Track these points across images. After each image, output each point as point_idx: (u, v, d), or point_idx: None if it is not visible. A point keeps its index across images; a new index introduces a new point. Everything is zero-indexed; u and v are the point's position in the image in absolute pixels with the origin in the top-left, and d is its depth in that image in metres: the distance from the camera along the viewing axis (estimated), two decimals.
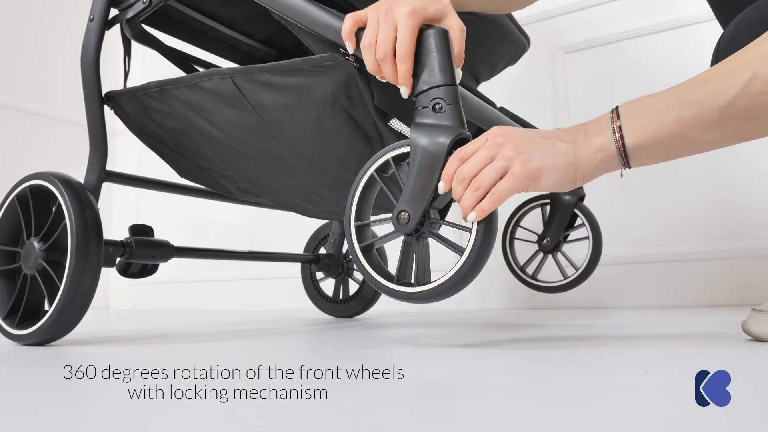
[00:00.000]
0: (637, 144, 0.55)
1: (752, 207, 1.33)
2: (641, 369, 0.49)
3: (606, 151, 0.56)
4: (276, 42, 1.16)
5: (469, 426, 0.31)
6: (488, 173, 0.57)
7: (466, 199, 0.58)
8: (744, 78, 0.50)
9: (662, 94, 0.55)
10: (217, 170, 0.97)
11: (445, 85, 0.61)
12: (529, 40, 1.07)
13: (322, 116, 0.74)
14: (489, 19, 0.96)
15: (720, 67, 0.53)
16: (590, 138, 0.57)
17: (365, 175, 0.66)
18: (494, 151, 0.57)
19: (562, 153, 0.57)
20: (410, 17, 0.60)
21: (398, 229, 0.62)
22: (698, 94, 0.52)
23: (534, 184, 0.57)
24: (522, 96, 1.58)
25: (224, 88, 0.77)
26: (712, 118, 0.51)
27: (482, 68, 1.08)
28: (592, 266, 1.08)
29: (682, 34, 1.44)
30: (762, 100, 0.50)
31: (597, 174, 0.58)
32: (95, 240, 0.75)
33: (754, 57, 0.50)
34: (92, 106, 0.88)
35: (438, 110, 0.61)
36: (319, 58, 0.68)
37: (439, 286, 0.60)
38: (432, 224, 0.63)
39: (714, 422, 0.30)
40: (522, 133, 0.58)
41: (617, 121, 0.56)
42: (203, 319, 1.43)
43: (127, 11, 0.89)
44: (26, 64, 2.16)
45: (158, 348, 0.74)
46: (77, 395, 0.44)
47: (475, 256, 0.59)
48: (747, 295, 1.29)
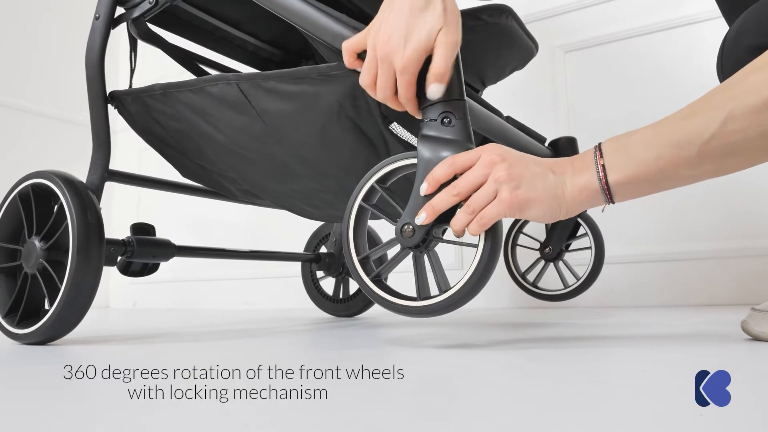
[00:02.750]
0: (619, 181, 0.56)
1: (752, 207, 1.33)
2: (641, 368, 0.49)
3: (591, 189, 0.57)
4: (282, 42, 1.16)
5: (469, 425, 0.31)
6: (481, 196, 0.57)
7: (459, 221, 0.58)
8: (720, 117, 0.51)
9: (643, 131, 0.56)
10: (219, 172, 0.97)
11: (455, 100, 0.61)
12: (537, 45, 1.06)
13: (327, 124, 0.73)
14: (497, 25, 0.95)
15: (697, 105, 0.54)
16: (576, 175, 0.58)
17: (366, 185, 0.66)
18: (488, 170, 0.57)
19: (551, 186, 0.58)
20: (406, 70, 0.59)
21: (402, 242, 0.62)
22: (677, 133, 0.54)
23: (520, 212, 0.58)
24: (522, 95, 1.58)
25: (229, 93, 0.77)
26: (691, 155, 0.53)
27: (489, 73, 1.07)
28: (593, 277, 1.08)
29: (682, 33, 1.44)
30: (737, 138, 0.51)
31: (580, 209, 0.59)
32: (97, 240, 0.75)
33: (729, 96, 0.52)
34: (96, 105, 0.88)
35: (446, 124, 0.61)
36: (326, 68, 0.68)
37: (446, 300, 0.60)
38: (437, 234, 0.62)
39: (714, 422, 0.30)
40: (516, 156, 0.59)
41: (600, 160, 0.57)
42: (203, 318, 1.43)
43: (133, 10, 0.88)
44: (26, 63, 2.16)
45: (158, 347, 0.74)
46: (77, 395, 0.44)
47: (482, 270, 0.59)
48: (747, 295, 1.29)
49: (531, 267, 1.16)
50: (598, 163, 0.57)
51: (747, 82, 0.51)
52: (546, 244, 1.12)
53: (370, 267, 0.66)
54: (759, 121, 0.50)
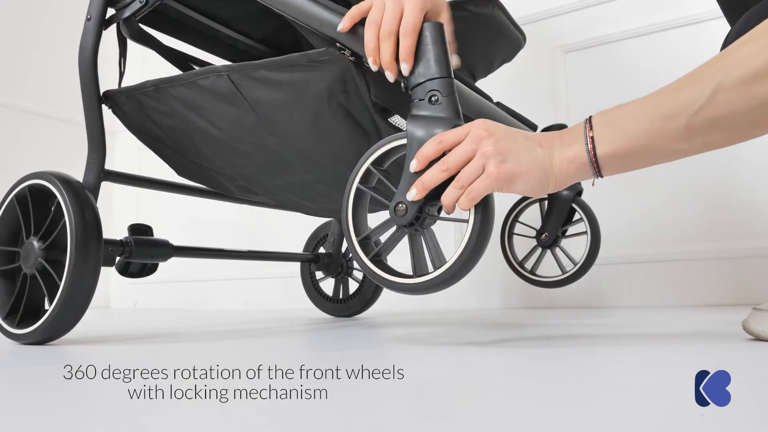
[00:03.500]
0: (607, 154, 0.56)
1: (752, 206, 1.33)
2: (641, 368, 0.49)
3: (579, 161, 0.57)
4: (273, 40, 1.16)
5: (468, 425, 0.31)
6: (469, 171, 0.58)
7: (449, 196, 0.59)
8: (708, 89, 0.51)
9: (633, 104, 0.57)
10: (215, 169, 0.97)
11: (441, 77, 0.62)
12: (524, 35, 1.06)
13: (318, 112, 0.74)
14: (483, 15, 0.95)
15: (686, 78, 0.54)
16: (565, 147, 0.58)
17: (362, 168, 0.66)
18: (476, 144, 0.58)
19: (538, 158, 0.58)
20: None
21: (396, 221, 0.63)
22: (665, 106, 0.54)
23: (508, 186, 0.58)
24: (522, 96, 1.58)
25: (221, 85, 0.77)
26: (679, 128, 0.53)
27: (478, 66, 1.07)
28: (591, 261, 1.08)
29: (682, 33, 1.44)
30: (726, 111, 0.51)
31: (569, 182, 0.59)
32: (95, 238, 0.75)
33: (718, 68, 0.52)
34: (90, 105, 0.88)
35: (434, 102, 0.62)
36: (315, 53, 0.68)
37: (439, 276, 0.60)
38: (430, 212, 0.63)
39: (714, 422, 0.30)
40: (504, 131, 0.59)
41: (590, 132, 0.57)
42: (203, 318, 1.43)
43: (123, 11, 0.89)
44: (26, 63, 2.16)
45: (158, 347, 0.74)
46: (77, 395, 0.44)
47: (473, 245, 0.59)
48: (747, 295, 1.29)
49: (528, 255, 1.16)
50: (587, 136, 0.57)
51: (736, 54, 0.51)
52: (542, 230, 1.12)
53: (370, 247, 0.66)
54: (747, 93, 0.50)
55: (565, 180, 0.59)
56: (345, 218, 0.67)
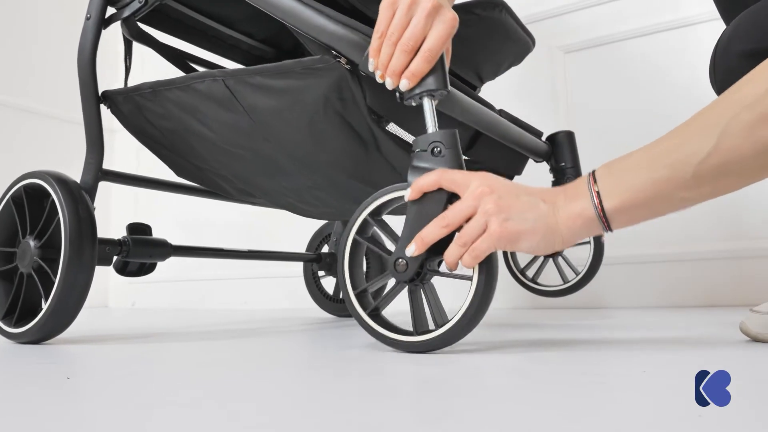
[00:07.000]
0: (615, 207, 0.55)
1: (752, 207, 1.33)
2: (641, 369, 0.49)
3: (585, 216, 0.56)
4: (275, 41, 1.15)
5: (468, 426, 0.31)
6: (472, 228, 0.56)
7: (452, 254, 0.58)
8: (714, 135, 0.50)
9: (637, 154, 0.55)
10: (214, 170, 0.96)
11: (445, 129, 0.61)
12: (533, 39, 1.06)
13: (314, 119, 0.73)
14: (491, 19, 0.95)
15: (690, 125, 0.53)
16: (569, 202, 0.57)
17: (359, 218, 0.65)
18: (476, 201, 0.56)
19: (542, 215, 0.56)
20: (452, 21, 0.60)
21: (397, 277, 0.61)
22: (671, 155, 0.53)
23: (512, 245, 0.56)
24: (522, 96, 1.58)
25: (216, 90, 0.77)
26: (686, 177, 0.52)
27: (486, 68, 1.07)
28: (593, 271, 1.08)
29: (682, 34, 1.44)
30: (733, 156, 0.50)
31: (577, 239, 0.57)
32: (89, 237, 0.75)
33: (722, 113, 0.50)
34: (88, 105, 0.88)
35: (437, 154, 0.61)
36: (309, 61, 0.67)
37: (440, 336, 0.59)
38: (431, 267, 0.61)
39: (714, 422, 0.30)
40: (506, 187, 0.58)
41: (594, 186, 0.56)
42: (202, 318, 1.43)
43: (123, 10, 0.88)
44: (26, 62, 2.16)
45: (157, 347, 0.74)
46: (77, 395, 0.44)
47: (477, 303, 0.58)
48: (747, 295, 1.29)
49: (530, 263, 1.16)
50: (592, 190, 0.55)
51: (740, 96, 0.50)
52: None
53: (367, 301, 0.65)
54: (754, 138, 0.49)
55: (572, 237, 0.57)
56: (341, 271, 0.65)
